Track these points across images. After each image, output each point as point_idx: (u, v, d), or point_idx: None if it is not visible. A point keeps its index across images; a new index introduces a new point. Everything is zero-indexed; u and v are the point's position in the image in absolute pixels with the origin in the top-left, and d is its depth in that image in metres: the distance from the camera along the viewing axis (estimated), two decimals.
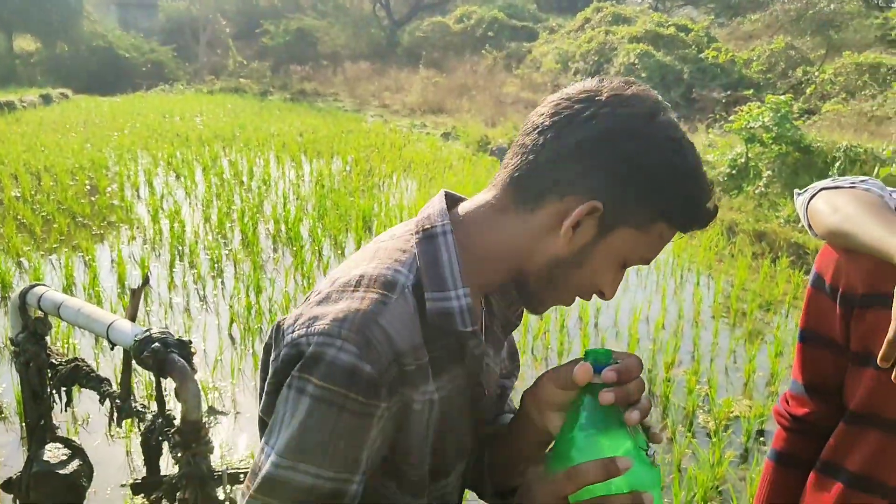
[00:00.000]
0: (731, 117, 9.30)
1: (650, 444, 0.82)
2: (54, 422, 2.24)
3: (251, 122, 15.86)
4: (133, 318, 1.89)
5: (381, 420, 0.81)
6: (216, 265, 6.32)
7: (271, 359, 0.86)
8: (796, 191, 1.33)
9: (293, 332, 0.82)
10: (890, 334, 0.96)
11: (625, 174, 0.83)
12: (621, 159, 0.83)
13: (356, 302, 0.82)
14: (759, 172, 8.49)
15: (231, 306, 5.31)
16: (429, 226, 0.90)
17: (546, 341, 4.86)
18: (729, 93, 13.13)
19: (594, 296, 0.92)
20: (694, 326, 5.19)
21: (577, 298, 0.94)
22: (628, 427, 0.81)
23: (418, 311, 0.85)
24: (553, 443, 0.86)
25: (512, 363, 1.15)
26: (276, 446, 0.80)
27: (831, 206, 1.18)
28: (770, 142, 8.45)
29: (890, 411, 1.11)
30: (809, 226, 1.25)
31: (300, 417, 0.79)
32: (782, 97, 8.75)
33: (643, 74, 14.32)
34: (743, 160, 8.72)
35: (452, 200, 0.96)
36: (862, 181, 1.22)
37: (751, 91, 12.51)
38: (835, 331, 1.19)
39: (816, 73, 13.41)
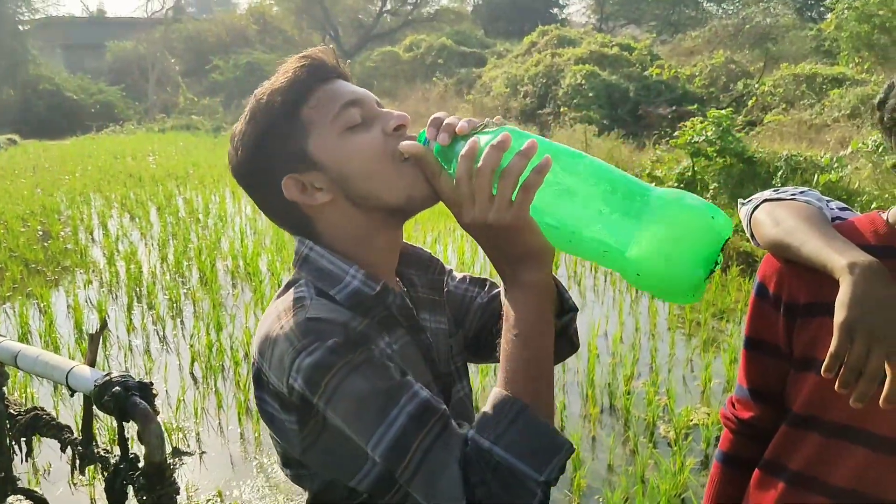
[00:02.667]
0: (676, 133, 9.54)
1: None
2: (15, 473, 2.22)
3: (205, 158, 15.77)
4: (92, 364, 1.89)
5: (384, 357, 0.90)
6: (175, 305, 6.27)
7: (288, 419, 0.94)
8: (740, 201, 1.37)
9: (286, 386, 0.90)
10: (832, 347, 1.00)
11: (257, 145, 1.04)
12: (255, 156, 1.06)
13: (286, 327, 0.91)
14: (705, 185, 8.71)
15: (192, 345, 5.28)
16: (296, 256, 1.04)
17: None
18: (674, 108, 13.42)
19: (399, 132, 1.03)
20: (651, 339, 5.30)
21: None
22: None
23: (336, 304, 0.96)
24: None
25: (474, 284, 1.26)
26: (364, 438, 0.86)
27: (773, 218, 1.23)
28: (714, 155, 8.69)
29: (830, 414, 1.16)
30: (752, 235, 1.29)
31: (353, 408, 0.86)
32: (723, 111, 9.00)
33: (590, 94, 14.58)
34: (690, 174, 8.95)
35: None
36: (802, 192, 1.27)
37: (695, 106, 12.82)
38: (778, 338, 1.24)
39: (756, 86, 13.80)
